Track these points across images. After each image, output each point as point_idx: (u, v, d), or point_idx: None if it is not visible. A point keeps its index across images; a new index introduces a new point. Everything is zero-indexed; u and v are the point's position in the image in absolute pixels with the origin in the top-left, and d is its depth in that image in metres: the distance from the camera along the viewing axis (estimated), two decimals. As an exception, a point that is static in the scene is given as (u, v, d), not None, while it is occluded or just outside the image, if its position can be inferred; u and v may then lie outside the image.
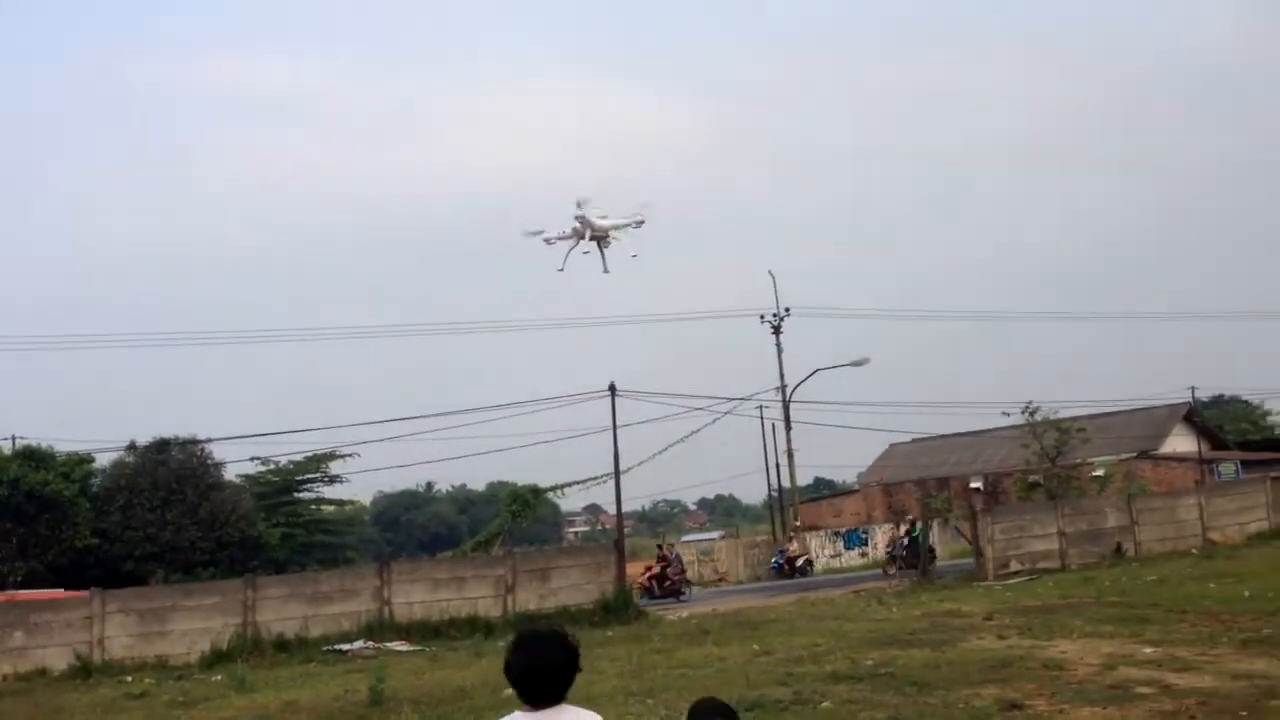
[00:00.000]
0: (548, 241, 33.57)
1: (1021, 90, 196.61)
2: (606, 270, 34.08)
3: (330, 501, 58.79)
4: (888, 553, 38.19)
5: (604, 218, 32.96)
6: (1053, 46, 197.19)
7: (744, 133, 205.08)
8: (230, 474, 49.03)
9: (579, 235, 33.09)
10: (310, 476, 54.94)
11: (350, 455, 50.89)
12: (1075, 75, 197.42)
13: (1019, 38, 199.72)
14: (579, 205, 32.64)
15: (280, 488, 53.66)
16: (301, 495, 55.86)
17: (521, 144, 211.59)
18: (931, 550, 36.04)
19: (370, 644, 23.04)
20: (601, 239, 33.24)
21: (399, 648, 22.66)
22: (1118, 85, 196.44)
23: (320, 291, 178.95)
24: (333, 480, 55.25)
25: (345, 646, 22.72)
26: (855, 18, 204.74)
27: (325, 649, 22.64)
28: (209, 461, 45.94)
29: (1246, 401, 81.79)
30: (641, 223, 33.87)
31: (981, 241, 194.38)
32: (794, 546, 45.59)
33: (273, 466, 52.58)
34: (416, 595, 25.32)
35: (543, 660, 3.78)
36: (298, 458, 52.43)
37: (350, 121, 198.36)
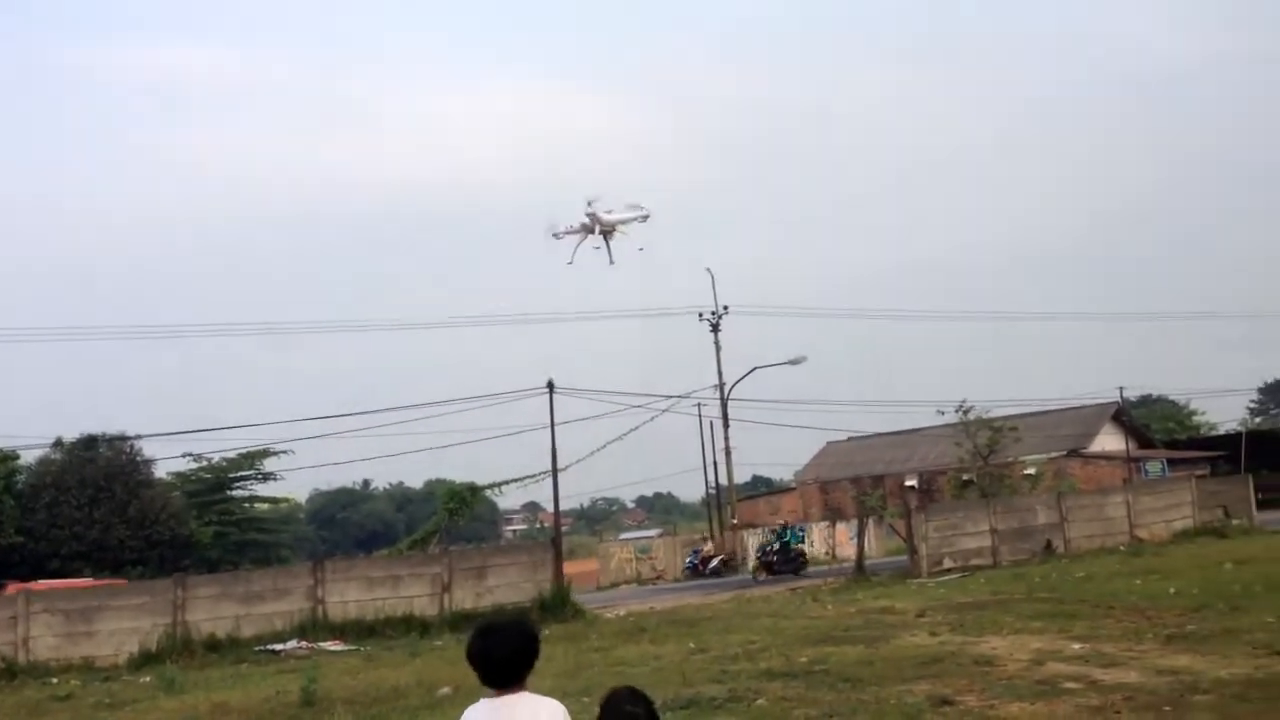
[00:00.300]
0: (557, 236, 36.90)
1: (962, 95, 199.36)
2: (612, 261, 36.79)
3: (264, 499, 58.07)
4: (758, 558, 37.01)
5: (610, 213, 36.00)
6: (993, 52, 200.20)
7: (685, 133, 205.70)
8: (161, 471, 48.32)
9: (588, 230, 36.35)
10: (244, 474, 54.19)
11: (285, 453, 50.28)
12: (1014, 81, 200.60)
13: (960, 43, 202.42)
14: (589, 204, 35.71)
15: (213, 485, 52.89)
16: (235, 493, 55.10)
17: (461, 142, 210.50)
18: (802, 554, 35.52)
19: (304, 644, 22.77)
20: (609, 233, 36.24)
21: (333, 647, 22.43)
22: (1055, 90, 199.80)
23: (255, 287, 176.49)
24: (266, 478, 54.58)
25: (278, 646, 22.44)
26: (800, 18, 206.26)
27: (257, 649, 22.34)
28: (138, 459, 45.20)
29: (1173, 401, 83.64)
30: (646, 217, 37.22)
31: (918, 242, 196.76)
32: (708, 547, 45.46)
33: (205, 464, 51.80)
34: (351, 594, 25.07)
35: (502, 645, 4.00)
36: (231, 455, 51.69)
37: (288, 114, 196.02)
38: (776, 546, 34.76)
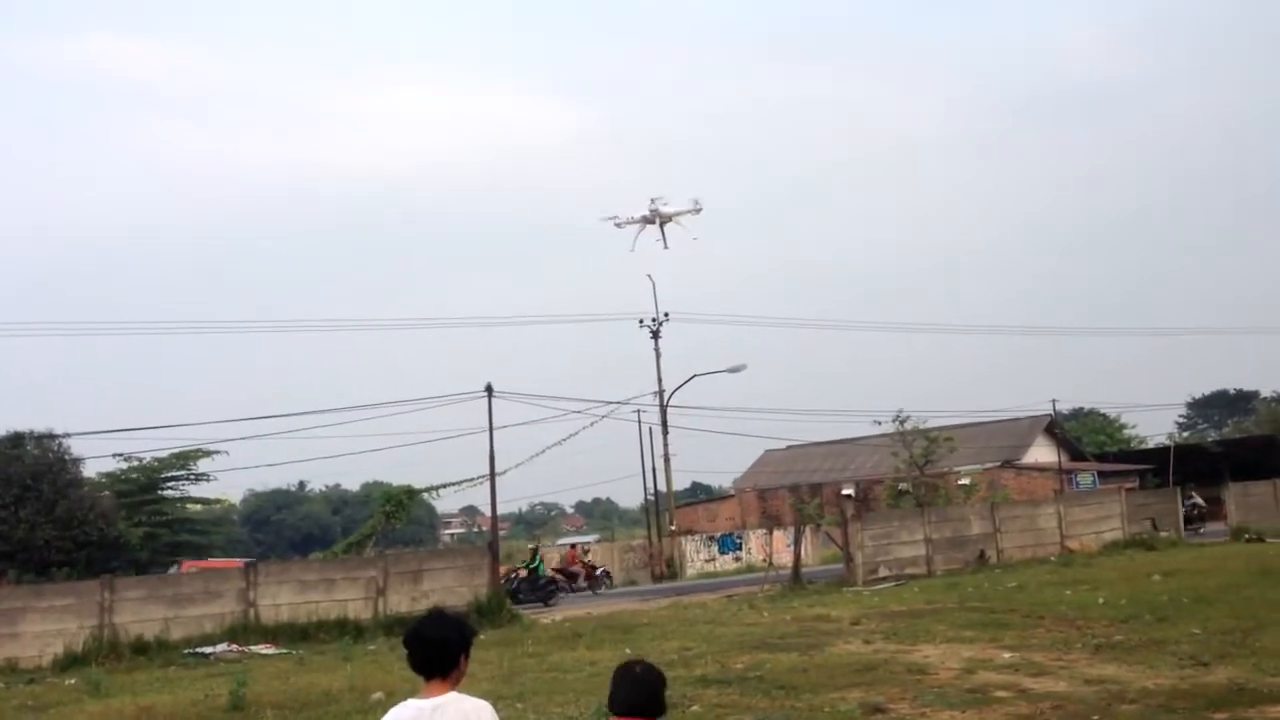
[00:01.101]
0: (619, 225, 42.73)
1: (891, 100, 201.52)
2: (666, 247, 42.41)
3: (197, 500, 57.09)
4: (506, 588, 32.28)
5: (667, 205, 41.97)
6: (917, 60, 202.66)
7: (624, 135, 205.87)
8: (90, 470, 47.33)
9: (648, 221, 42.17)
10: (175, 474, 53.25)
11: (219, 453, 49.49)
12: (936, 89, 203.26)
13: (888, 50, 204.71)
14: (652, 201, 41.69)
15: (144, 486, 51.87)
16: (166, 493, 54.09)
17: (400, 142, 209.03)
18: (553, 581, 33.83)
19: (234, 647, 22.42)
20: (665, 222, 41.85)
21: (264, 651, 22.11)
22: (977, 100, 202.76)
23: (191, 284, 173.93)
24: (199, 479, 53.66)
25: (207, 650, 22.07)
26: (735, 21, 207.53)
27: (186, 652, 21.95)
28: (66, 457, 44.22)
29: (1105, 414, 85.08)
30: (700, 209, 42.40)
31: (855, 250, 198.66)
32: (584, 551, 44.59)
33: (136, 463, 50.79)
34: (284, 597, 24.74)
35: (436, 628, 4.19)
36: (163, 455, 50.74)
37: (225, 111, 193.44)
38: (524, 573, 33.26)
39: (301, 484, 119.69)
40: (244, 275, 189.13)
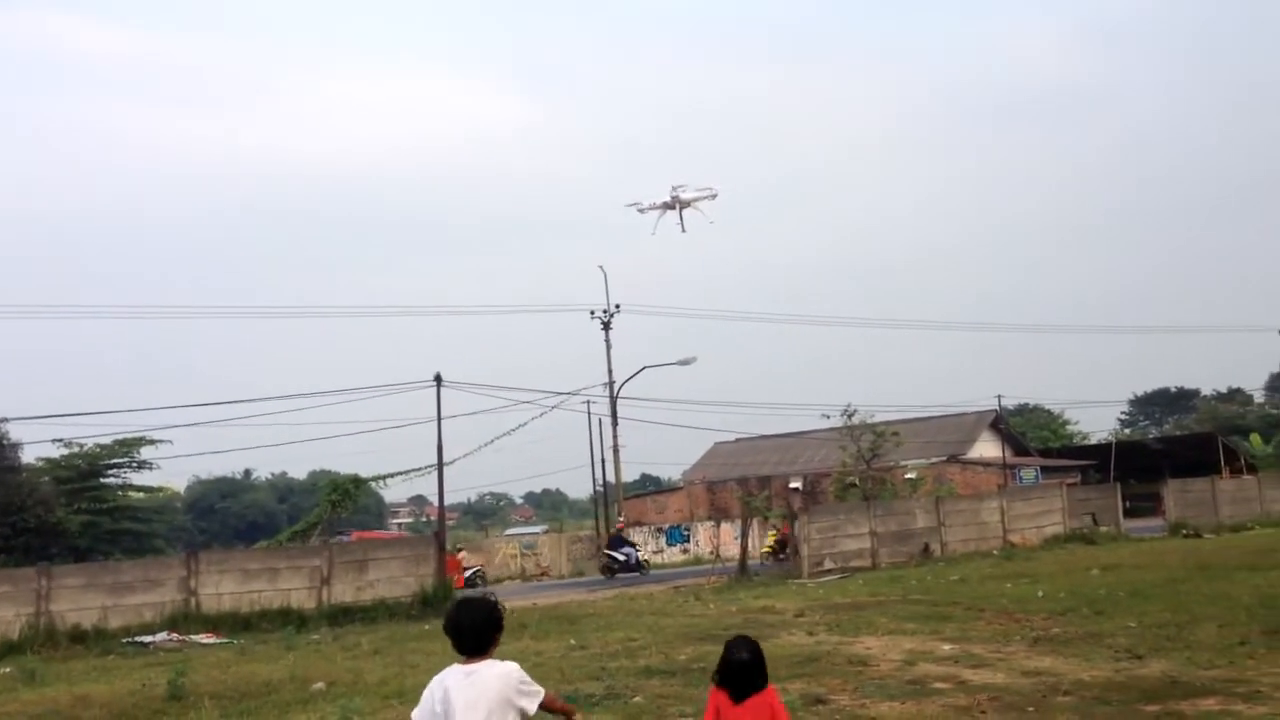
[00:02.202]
0: (641, 210, 45.53)
1: (847, 98, 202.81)
2: (684, 230, 45.22)
3: (139, 488, 56.26)
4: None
5: (686, 191, 44.84)
6: (879, 56, 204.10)
7: (578, 128, 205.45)
8: (29, 456, 46.54)
9: (668, 206, 44.84)
10: (118, 462, 52.46)
11: (162, 442, 48.82)
12: (900, 87, 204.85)
13: (847, 46, 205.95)
14: (673, 187, 44.68)
15: (85, 473, 51.05)
16: (108, 481, 53.27)
17: (352, 130, 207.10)
18: None
19: (174, 636, 22.17)
20: (684, 207, 44.69)
21: (205, 640, 21.87)
22: (939, 99, 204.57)
23: (136, 269, 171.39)
24: (141, 466, 52.89)
25: (147, 639, 21.80)
26: (703, 19, 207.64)
27: (125, 641, 21.68)
28: (5, 442, 43.45)
29: (1049, 411, 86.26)
30: (715, 195, 45.88)
31: (804, 244, 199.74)
32: (463, 556, 44.01)
33: (78, 450, 49.97)
34: (226, 586, 24.49)
35: (472, 615, 4.80)
36: (105, 442, 49.97)
37: (168, 91, 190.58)
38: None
39: (247, 472, 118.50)
40: (191, 260, 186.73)
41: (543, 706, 4.86)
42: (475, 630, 4.76)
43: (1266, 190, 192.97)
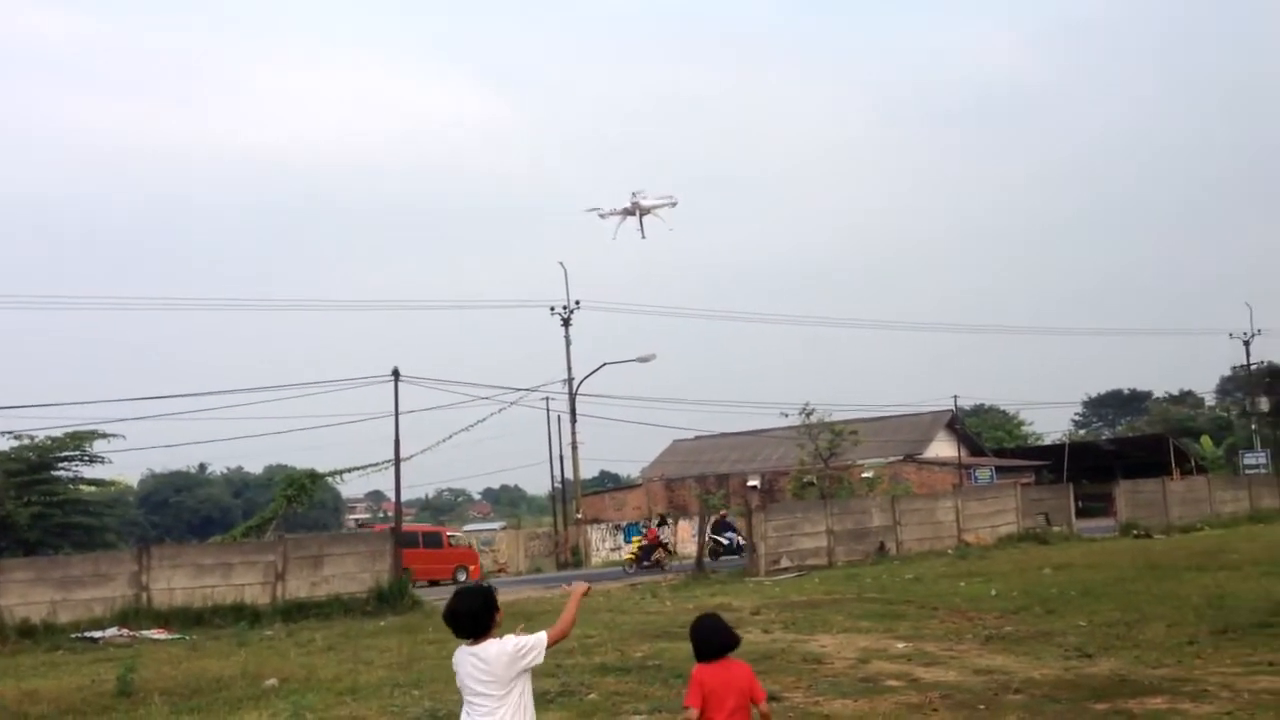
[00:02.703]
0: (602, 216, 45.92)
1: (811, 99, 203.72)
2: (644, 237, 45.86)
3: (90, 482, 55.43)
4: None
5: (646, 199, 45.27)
6: (840, 60, 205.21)
7: (540, 124, 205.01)
8: (-23, 449, 45.77)
9: (629, 213, 45.20)
10: (69, 455, 51.67)
11: (115, 436, 48.14)
12: (863, 90, 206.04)
13: (808, 49, 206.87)
14: (634, 194, 45.18)
15: (35, 465, 50.23)
16: (59, 474, 52.44)
17: (311, 122, 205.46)
18: None
19: (125, 631, 21.89)
20: (644, 214, 45.11)
21: (156, 636, 21.61)
22: (902, 102, 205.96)
23: (90, 259, 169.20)
24: (94, 460, 52.12)
25: (97, 634, 21.49)
26: (660, 19, 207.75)
27: (75, 636, 21.35)
28: (-48, 434, 42.69)
29: (1004, 411, 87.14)
30: (676, 203, 46.22)
31: (765, 244, 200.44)
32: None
33: (28, 442, 49.16)
34: (178, 581, 24.20)
35: (468, 604, 5.33)
36: (56, 434, 49.19)
37: (121, 81, 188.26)
38: None
39: (202, 466, 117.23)
40: (141, 252, 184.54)
41: (555, 640, 5.46)
42: (472, 616, 5.30)
43: (1221, 196, 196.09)
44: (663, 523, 36.69)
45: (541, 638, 5.37)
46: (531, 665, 5.34)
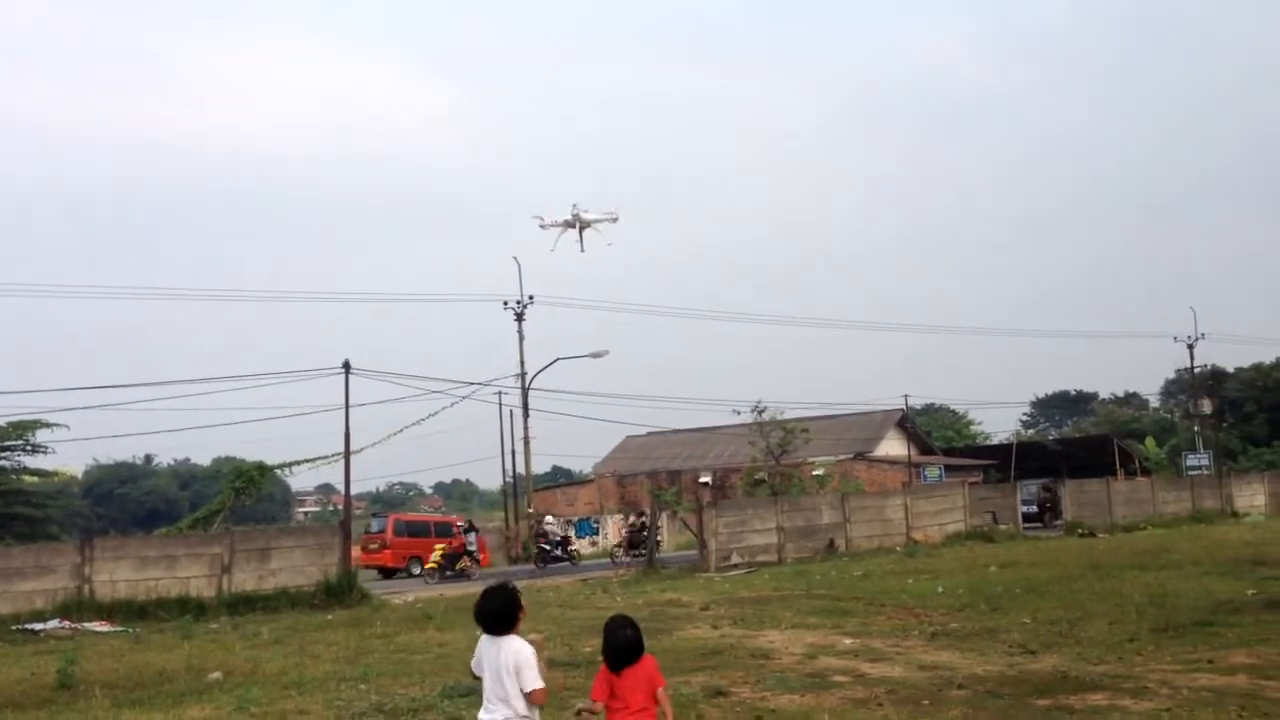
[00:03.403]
0: (543, 226, 46.79)
1: (770, 98, 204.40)
2: (583, 250, 47.09)
3: (33, 472, 54.57)
4: None
5: (587, 213, 46.53)
6: (796, 59, 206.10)
7: (494, 118, 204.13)
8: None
9: (569, 225, 46.34)
10: (10, 445, 50.83)
11: (58, 425, 47.39)
12: (819, 89, 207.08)
13: (767, 48, 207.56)
14: (574, 207, 46.61)
15: (-26, 456, 49.41)
16: (0, 463, 51.60)
17: (262, 111, 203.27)
18: None
19: (67, 624, 21.56)
20: (584, 228, 46.18)
21: (99, 628, 21.32)
22: (859, 104, 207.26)
23: (33, 247, 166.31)
24: (36, 450, 51.31)
25: (37, 626, 21.16)
26: (616, 13, 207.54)
27: (14, 628, 21.01)
28: (-108, 423, 41.85)
29: (954, 411, 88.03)
30: (616, 219, 47.28)
31: (719, 241, 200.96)
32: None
33: (-32, 433, 48.34)
34: (122, 573, 23.88)
35: (495, 602, 5.94)
36: (-2, 424, 48.36)
37: (70, 67, 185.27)
38: None
39: (148, 457, 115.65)
40: (89, 240, 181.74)
41: (538, 700, 5.85)
42: (498, 615, 5.93)
43: (1169, 202, 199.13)
44: (470, 529, 36.24)
45: (538, 685, 5.85)
46: (520, 685, 5.85)
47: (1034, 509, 44.41)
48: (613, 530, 49.57)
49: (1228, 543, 28.26)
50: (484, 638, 5.99)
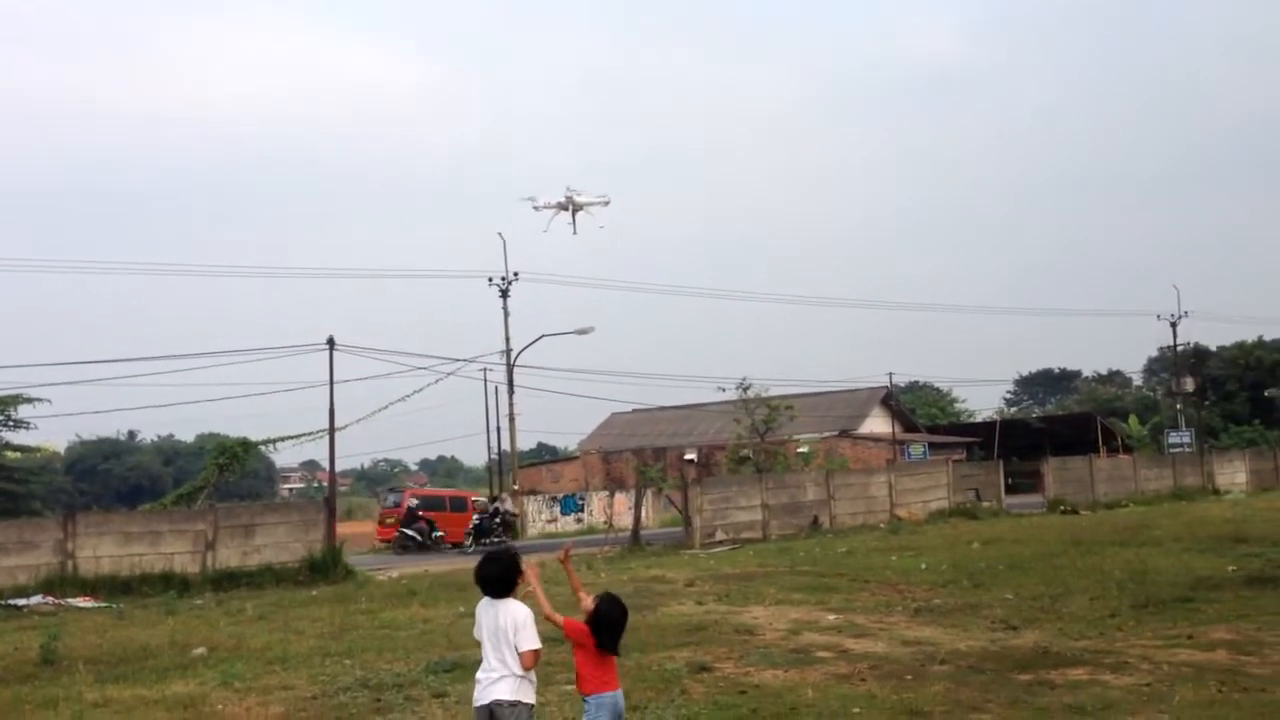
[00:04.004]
0: (536, 208, 46.95)
1: (751, 76, 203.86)
2: (575, 232, 46.94)
3: (16, 448, 54.40)
4: None
5: (580, 195, 46.75)
6: (776, 38, 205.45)
7: (482, 94, 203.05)
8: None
9: (562, 207, 46.55)
10: (-9, 419, 50.63)
11: (41, 400, 47.21)
12: (804, 69, 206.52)
13: (745, 27, 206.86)
14: (568, 189, 46.87)
15: (-42, 432, 49.21)
16: (-18, 439, 51.43)
17: (245, 85, 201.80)
18: None
19: (50, 599, 21.52)
20: (577, 210, 46.43)
21: (82, 604, 21.29)
22: (841, 81, 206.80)
23: (18, 221, 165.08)
24: (18, 425, 51.11)
25: (20, 601, 21.11)
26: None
27: (-2, 603, 20.97)
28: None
29: (938, 389, 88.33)
30: (608, 202, 47.42)
31: (704, 218, 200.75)
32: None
33: (-49, 408, 48.12)
34: (105, 549, 23.83)
35: (493, 567, 6.32)
36: (-21, 399, 48.15)
37: (68, 41, 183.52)
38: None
39: (132, 434, 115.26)
40: (74, 214, 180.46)
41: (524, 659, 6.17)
42: (497, 580, 6.26)
43: (1153, 180, 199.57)
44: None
45: (535, 643, 6.19)
46: (516, 644, 6.17)
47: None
48: (598, 507, 49.66)
49: (1209, 520, 28.46)
50: (483, 601, 6.29)
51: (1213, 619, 13.22)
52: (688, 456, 59.18)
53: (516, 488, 49.46)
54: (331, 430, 30.14)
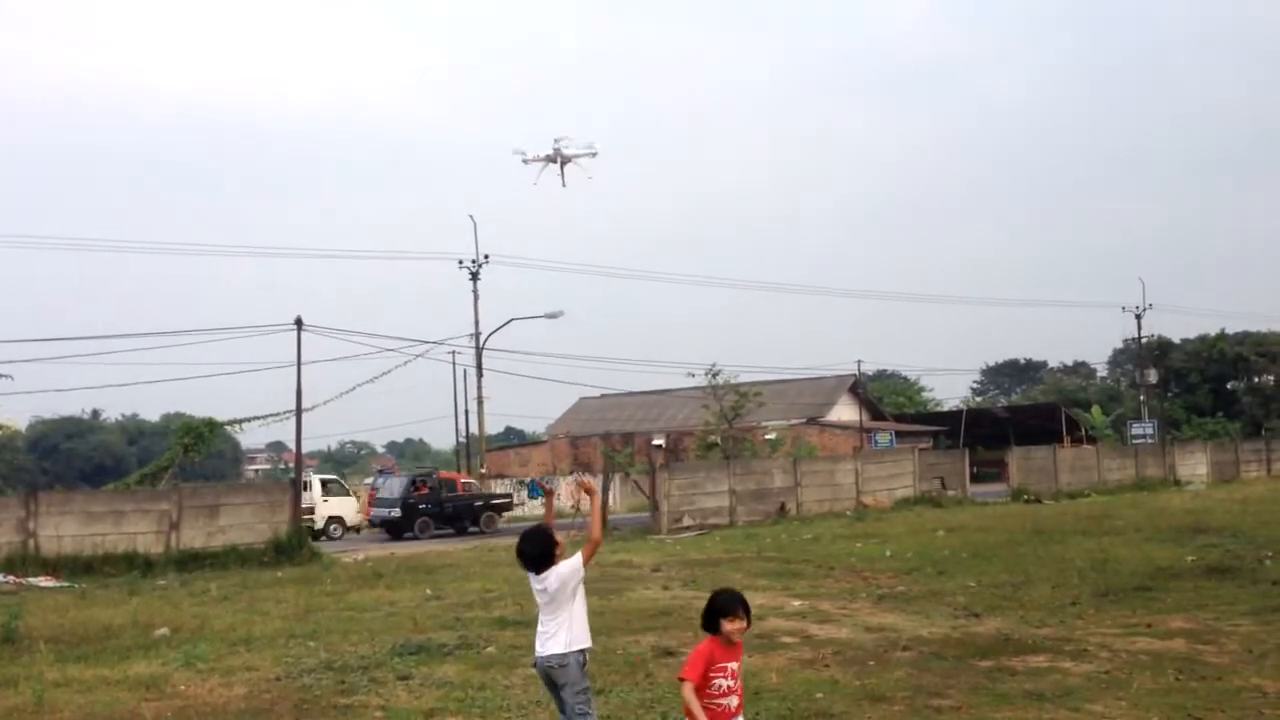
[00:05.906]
0: (525, 161, 47.58)
1: (720, 61, 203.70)
2: (564, 184, 47.84)
3: (-23, 425, 53.78)
4: None
5: (569, 147, 47.31)
6: (748, 19, 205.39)
7: (450, 72, 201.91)
8: None
9: (551, 159, 47.15)
10: (-47, 396, 49.99)
11: (2, 377, 46.61)
12: (771, 52, 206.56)
13: (721, 5, 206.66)
14: (556, 140, 47.26)
15: (-83, 407, 48.54)
16: (-58, 416, 50.77)
17: (217, 65, 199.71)
18: None
19: (10, 579, 21.35)
20: (565, 162, 47.11)
21: (44, 583, 21.13)
22: (813, 67, 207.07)
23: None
24: (-20, 402, 50.53)
25: (-20, 581, 20.94)
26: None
27: (-43, 583, 20.78)
28: None
29: (905, 377, 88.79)
30: (595, 153, 48.32)
31: (674, 202, 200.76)
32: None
33: (-89, 384, 47.41)
34: (67, 528, 23.64)
35: (533, 545, 6.66)
36: (-60, 375, 47.48)
37: (34, 15, 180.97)
38: None
39: (95, 412, 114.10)
40: (39, 190, 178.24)
41: (589, 556, 6.68)
42: (536, 556, 6.58)
43: (1120, 171, 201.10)
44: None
45: (577, 561, 6.57)
46: (579, 581, 6.59)
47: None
48: (564, 492, 49.66)
49: (1169, 510, 28.78)
50: (530, 576, 6.65)
51: (1171, 608, 13.41)
52: (656, 442, 59.25)
53: (484, 471, 49.42)
54: (299, 411, 30.00)
